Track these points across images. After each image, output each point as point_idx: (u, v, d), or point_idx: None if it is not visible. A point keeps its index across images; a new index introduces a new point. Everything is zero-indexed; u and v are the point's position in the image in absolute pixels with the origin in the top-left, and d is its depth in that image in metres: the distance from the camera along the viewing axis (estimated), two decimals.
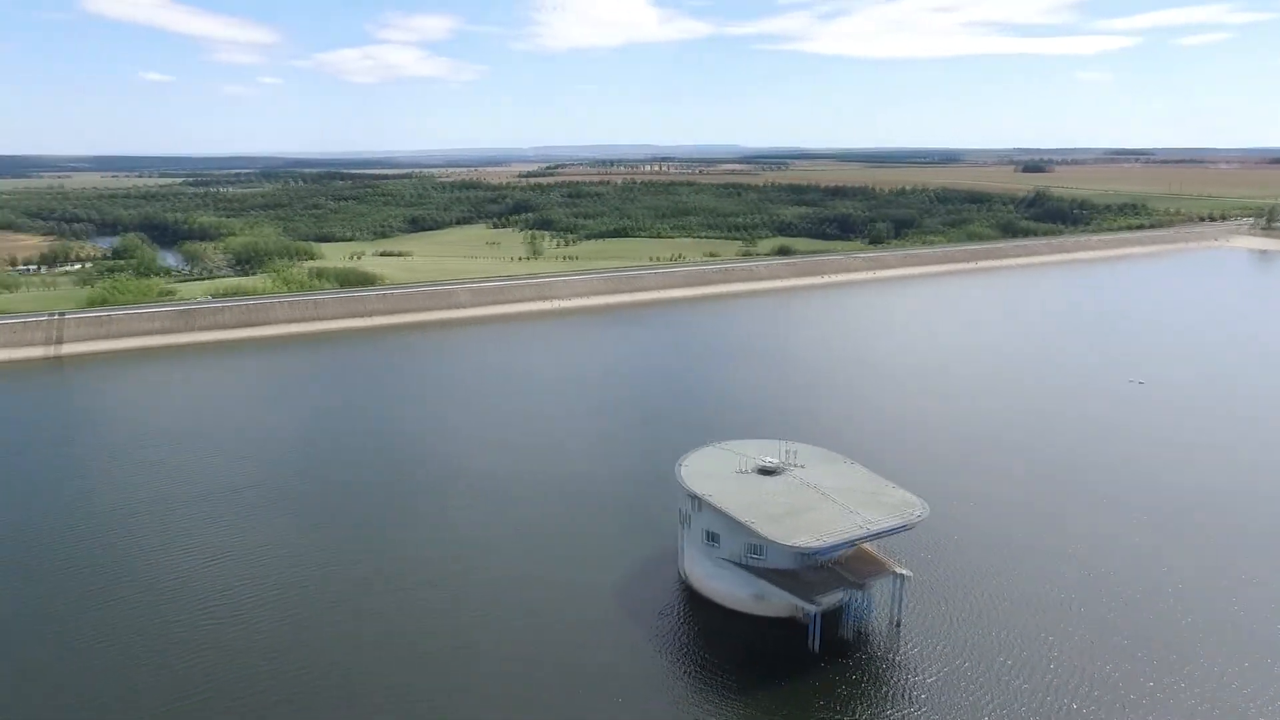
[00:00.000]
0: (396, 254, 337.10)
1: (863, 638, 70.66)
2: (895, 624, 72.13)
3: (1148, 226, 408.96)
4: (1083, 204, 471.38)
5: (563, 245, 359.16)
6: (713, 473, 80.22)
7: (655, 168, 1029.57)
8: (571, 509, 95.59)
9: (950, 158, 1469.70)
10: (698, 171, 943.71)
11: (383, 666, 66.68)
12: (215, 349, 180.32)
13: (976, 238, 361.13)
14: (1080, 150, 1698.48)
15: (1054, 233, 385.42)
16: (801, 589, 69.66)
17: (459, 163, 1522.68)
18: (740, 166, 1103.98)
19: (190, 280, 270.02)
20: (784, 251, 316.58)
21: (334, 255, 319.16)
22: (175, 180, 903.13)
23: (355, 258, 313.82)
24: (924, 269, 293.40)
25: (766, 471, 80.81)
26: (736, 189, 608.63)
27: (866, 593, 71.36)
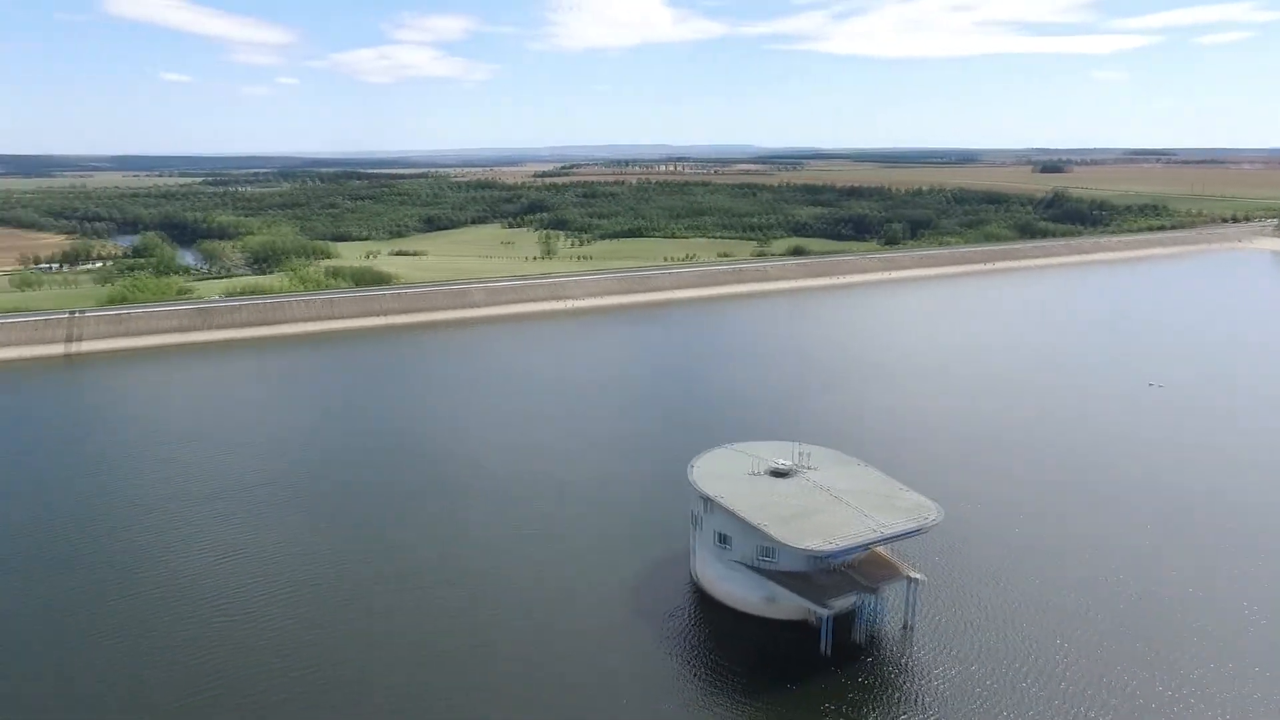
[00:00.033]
0: (411, 253, 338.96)
1: (874, 642, 70.10)
2: (907, 628, 71.54)
3: (1168, 228, 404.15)
4: (1102, 205, 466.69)
5: (577, 245, 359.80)
6: (724, 474, 79.87)
7: (670, 168, 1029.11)
8: (581, 510, 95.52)
9: (967, 158, 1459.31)
10: (712, 171, 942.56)
11: (394, 665, 66.85)
12: (231, 347, 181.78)
13: (993, 239, 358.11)
14: (1099, 150, 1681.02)
15: (1072, 234, 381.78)
16: (813, 592, 69.19)
17: (474, 162, 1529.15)
18: (755, 166, 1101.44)
19: (208, 279, 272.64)
20: (798, 252, 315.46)
21: (350, 254, 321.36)
22: (194, 180, 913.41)
23: (370, 257, 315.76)
24: (939, 270, 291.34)
25: (778, 473, 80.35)
26: (751, 189, 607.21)
27: (879, 596, 70.74)
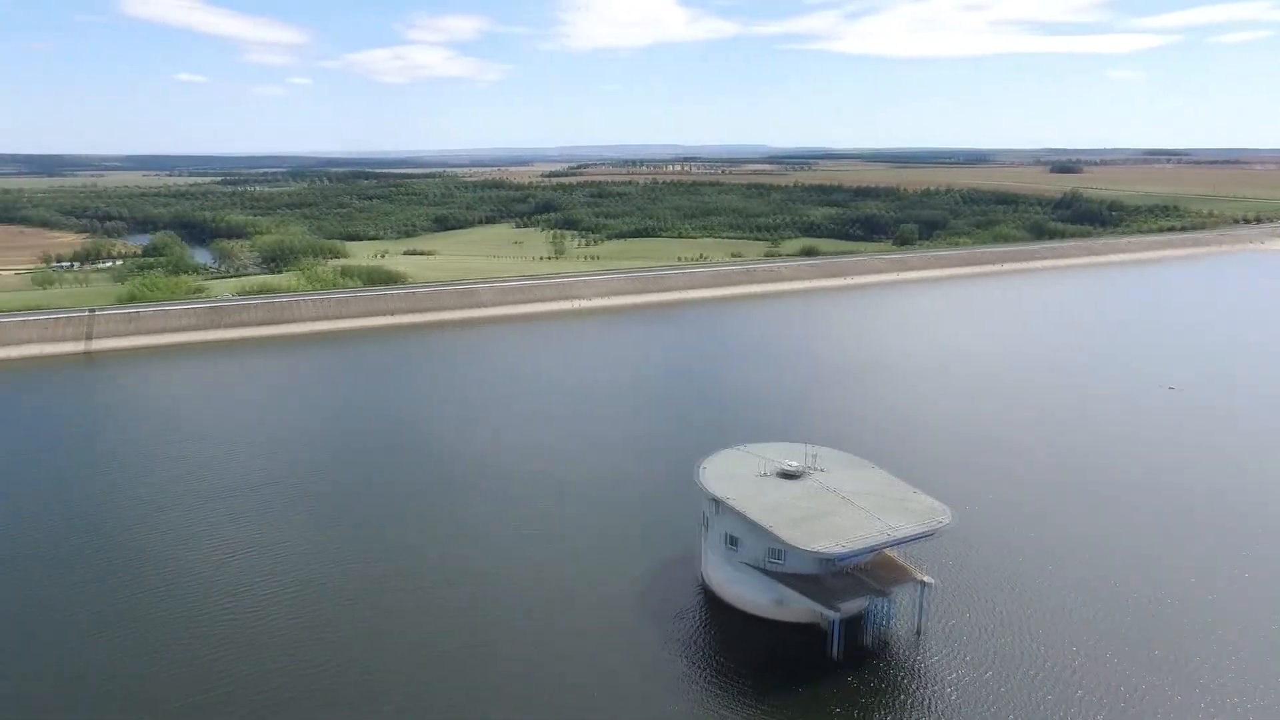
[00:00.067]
0: (422, 253, 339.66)
1: (884, 645, 69.50)
2: (918, 632, 70.89)
3: (1183, 229, 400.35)
4: (1116, 205, 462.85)
5: (586, 245, 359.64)
6: (734, 475, 79.38)
7: (680, 167, 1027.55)
8: (590, 510, 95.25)
9: (979, 158, 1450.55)
10: (723, 171, 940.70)
11: (399, 664, 66.74)
12: (242, 346, 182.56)
13: (1005, 239, 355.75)
14: (1113, 151, 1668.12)
15: (1086, 235, 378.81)
16: (823, 595, 68.66)
17: (484, 162, 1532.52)
18: (766, 166, 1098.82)
19: (221, 278, 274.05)
20: (809, 252, 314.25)
21: (361, 254, 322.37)
22: (207, 179, 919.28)
23: (381, 256, 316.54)
24: (951, 271, 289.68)
25: (788, 475, 79.79)
26: (762, 189, 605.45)
27: (889, 600, 70.16)
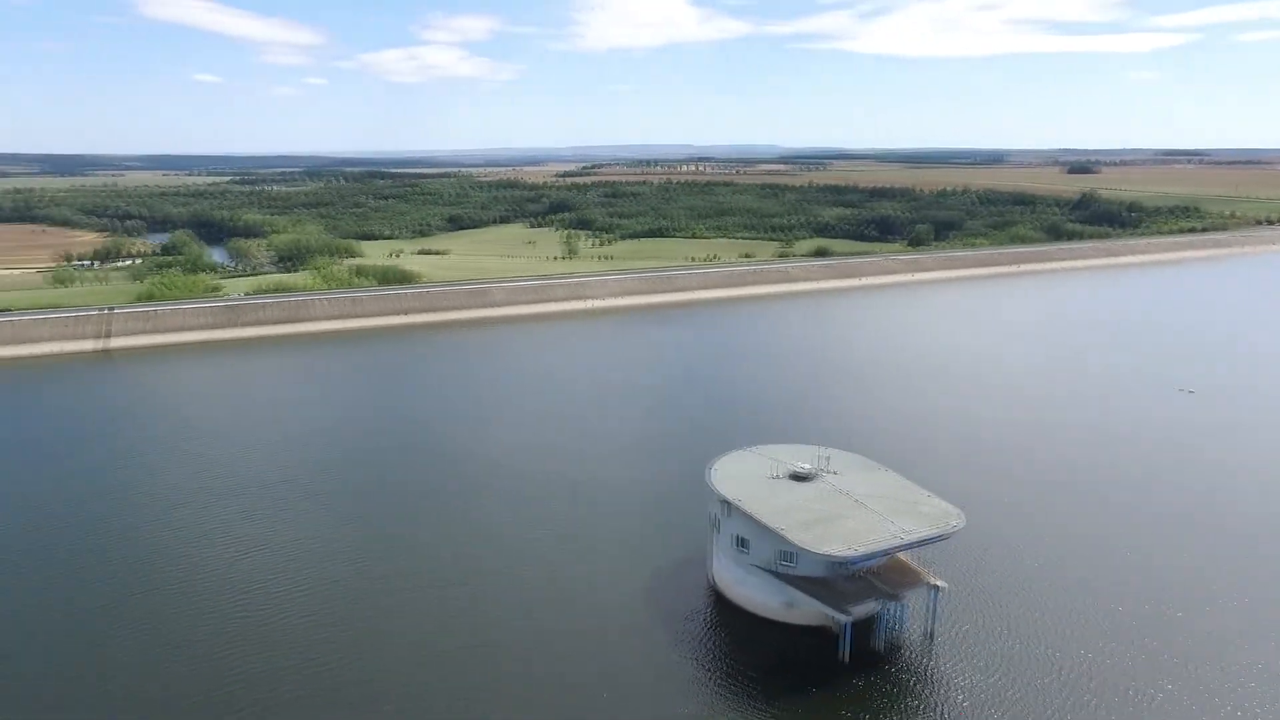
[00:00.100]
0: (436, 252, 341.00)
1: (895, 649, 69.05)
2: (929, 636, 70.40)
3: (1202, 230, 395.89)
4: (1133, 206, 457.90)
5: (599, 245, 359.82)
6: (744, 477, 79.10)
7: (693, 168, 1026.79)
8: (600, 511, 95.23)
9: (994, 158, 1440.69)
10: (736, 171, 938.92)
11: (407, 665, 66.94)
12: (257, 344, 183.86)
13: (1021, 240, 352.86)
14: (1131, 151, 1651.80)
15: (1102, 236, 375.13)
16: (833, 598, 68.33)
17: (498, 162, 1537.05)
18: (779, 166, 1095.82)
19: (237, 276, 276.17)
20: (822, 253, 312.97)
21: (375, 253, 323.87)
22: (224, 179, 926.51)
23: (395, 255, 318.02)
24: (965, 272, 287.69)
25: (799, 477, 79.42)
26: (775, 189, 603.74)
27: (900, 603, 69.70)
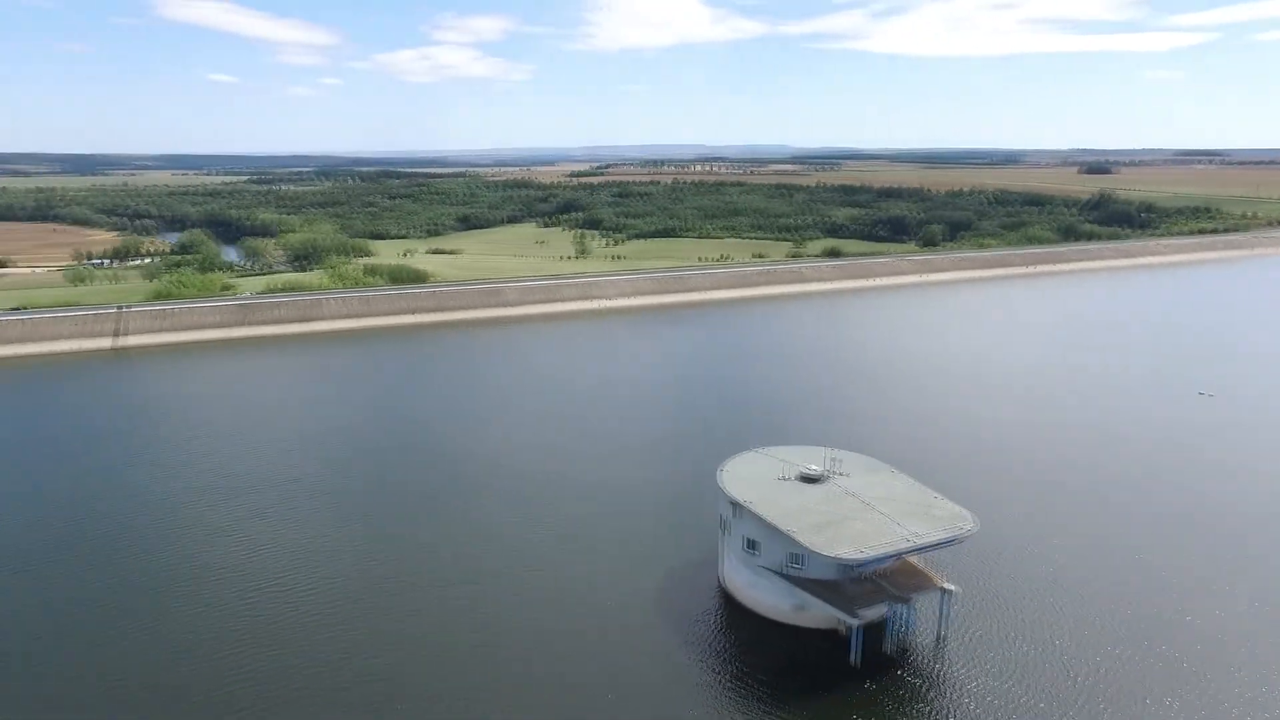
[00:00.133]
0: (447, 252, 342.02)
1: (905, 653, 68.63)
2: (940, 639, 69.96)
3: (1219, 231, 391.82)
4: (1149, 207, 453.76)
5: (610, 245, 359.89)
6: (754, 479, 78.87)
7: (704, 168, 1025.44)
8: (608, 512, 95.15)
9: (1008, 158, 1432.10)
10: (747, 172, 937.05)
11: (414, 664, 67.07)
12: (269, 343, 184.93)
13: (1035, 241, 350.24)
14: (1147, 151, 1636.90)
15: (1118, 237, 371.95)
16: (843, 601, 67.98)
17: (509, 162, 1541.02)
18: (791, 167, 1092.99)
19: (250, 275, 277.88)
20: (833, 253, 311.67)
21: (387, 252, 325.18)
22: (238, 178, 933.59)
23: (407, 255, 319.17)
24: (977, 273, 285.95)
25: (809, 479, 79.11)
26: (786, 189, 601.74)
27: (910, 607, 69.24)
